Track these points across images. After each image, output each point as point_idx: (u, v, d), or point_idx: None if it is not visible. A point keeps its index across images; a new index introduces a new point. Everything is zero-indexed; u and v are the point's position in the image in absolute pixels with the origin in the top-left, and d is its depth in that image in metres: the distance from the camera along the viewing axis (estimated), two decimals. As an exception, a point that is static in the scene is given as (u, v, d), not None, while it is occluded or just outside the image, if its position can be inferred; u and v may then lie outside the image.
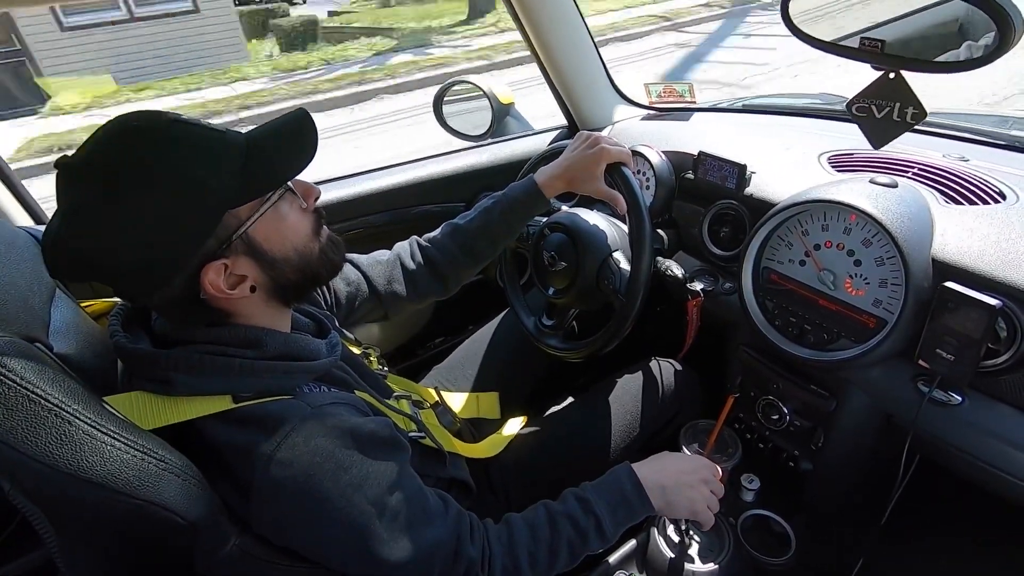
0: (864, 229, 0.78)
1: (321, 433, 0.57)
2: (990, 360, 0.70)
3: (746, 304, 0.90)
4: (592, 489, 0.73)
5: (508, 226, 0.92)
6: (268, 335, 0.61)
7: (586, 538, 0.69)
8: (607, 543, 0.71)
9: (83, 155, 0.53)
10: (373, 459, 0.59)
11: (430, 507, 0.63)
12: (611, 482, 0.74)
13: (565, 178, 0.90)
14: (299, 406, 0.58)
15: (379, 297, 0.92)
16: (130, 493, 0.48)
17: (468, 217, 0.94)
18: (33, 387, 0.45)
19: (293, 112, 0.61)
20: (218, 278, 0.57)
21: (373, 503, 0.58)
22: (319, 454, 0.56)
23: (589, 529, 0.69)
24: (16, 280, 0.57)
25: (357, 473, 0.57)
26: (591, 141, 0.91)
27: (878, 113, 0.75)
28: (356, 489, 0.57)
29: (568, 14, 1.22)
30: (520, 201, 0.91)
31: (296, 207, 0.63)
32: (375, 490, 0.58)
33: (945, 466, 0.79)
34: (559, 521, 0.69)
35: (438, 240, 0.94)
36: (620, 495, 0.72)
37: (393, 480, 0.60)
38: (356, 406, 0.64)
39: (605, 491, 0.73)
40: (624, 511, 0.72)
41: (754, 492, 0.96)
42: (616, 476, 0.75)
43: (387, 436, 0.63)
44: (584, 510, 0.70)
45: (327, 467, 0.56)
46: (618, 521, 0.71)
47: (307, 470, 0.55)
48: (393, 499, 0.59)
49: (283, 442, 0.55)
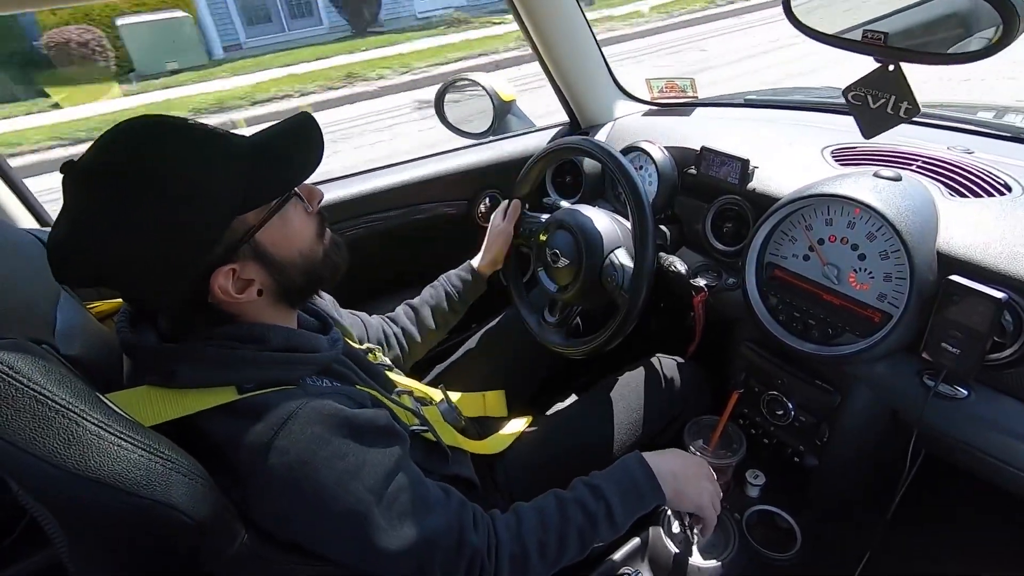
0: (868, 223, 0.78)
1: (318, 421, 0.56)
2: (996, 353, 0.69)
3: (750, 299, 0.90)
4: (602, 476, 0.72)
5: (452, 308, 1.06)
6: (271, 331, 0.62)
7: (596, 525, 0.68)
8: (617, 532, 0.70)
9: (90, 159, 0.53)
10: (370, 447, 0.59)
11: (430, 496, 0.63)
12: (621, 469, 0.73)
13: (489, 259, 1.09)
14: (297, 396, 0.58)
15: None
16: (138, 493, 0.48)
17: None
18: (40, 388, 0.45)
19: (298, 116, 0.62)
20: (227, 283, 0.57)
21: (371, 491, 0.57)
22: (315, 442, 0.56)
23: (599, 515, 0.68)
24: (22, 282, 0.58)
25: (354, 461, 0.57)
26: (494, 223, 1.11)
27: (873, 103, 0.74)
28: (353, 477, 0.56)
29: (569, 10, 1.21)
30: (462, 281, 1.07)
31: (301, 210, 0.63)
32: (372, 478, 0.58)
33: (951, 460, 0.79)
34: (569, 507, 0.68)
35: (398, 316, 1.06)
36: (631, 481, 0.72)
37: (391, 468, 0.60)
38: (355, 398, 0.64)
39: (615, 478, 0.72)
40: (635, 497, 0.71)
41: (759, 488, 0.96)
42: (625, 463, 0.74)
43: (384, 424, 0.63)
44: (594, 496, 0.69)
45: (323, 454, 0.56)
46: (628, 508, 0.70)
47: (303, 457, 0.55)
48: (391, 487, 0.59)
49: (280, 430, 0.55)
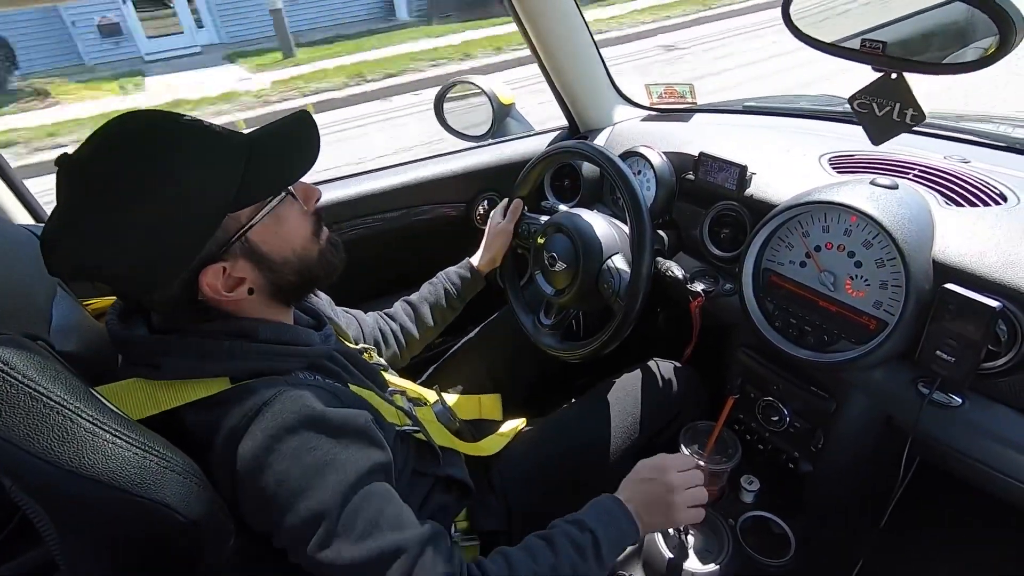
0: (865, 231, 0.78)
1: (292, 411, 0.56)
2: (990, 362, 0.70)
3: (746, 305, 0.90)
4: (579, 513, 0.70)
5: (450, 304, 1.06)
6: (261, 325, 0.62)
7: (585, 556, 0.65)
8: (604, 568, 0.67)
9: (83, 155, 0.53)
10: (342, 446, 0.57)
11: (403, 516, 0.59)
12: (598, 508, 0.71)
13: (488, 257, 1.10)
14: (276, 385, 0.58)
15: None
16: (131, 491, 0.48)
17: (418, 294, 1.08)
18: (35, 384, 0.45)
19: (295, 114, 0.61)
20: (216, 281, 0.57)
21: (334, 490, 0.55)
22: (286, 429, 0.55)
23: (587, 546, 0.66)
24: (18, 278, 0.58)
25: (321, 456, 0.56)
26: (494, 221, 1.12)
27: (879, 111, 0.75)
28: (318, 473, 0.55)
29: (569, 14, 1.22)
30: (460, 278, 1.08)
31: (296, 210, 0.63)
32: (337, 477, 0.55)
33: (945, 468, 0.79)
34: (556, 540, 0.65)
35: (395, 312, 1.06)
36: (607, 514, 0.70)
37: (362, 473, 0.57)
38: (340, 396, 0.63)
39: (592, 513, 0.70)
40: (615, 530, 0.69)
41: (754, 493, 0.96)
42: (602, 502, 0.72)
43: (361, 426, 0.61)
44: (579, 528, 0.67)
45: (291, 444, 0.55)
46: (611, 538, 0.68)
47: (270, 444, 0.54)
48: (357, 493, 0.56)
49: (255, 417, 0.55)
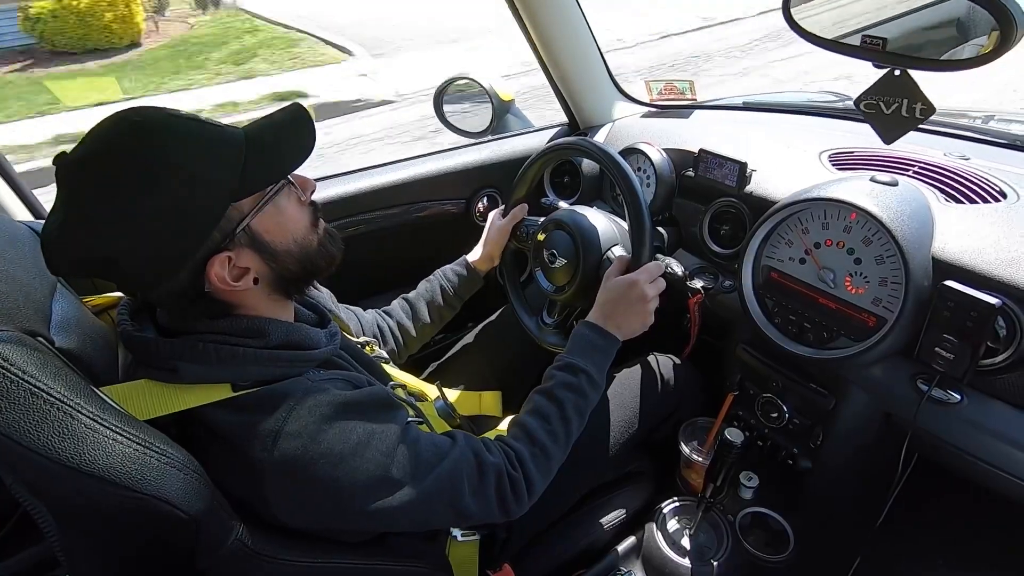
0: (864, 227, 0.78)
1: (324, 403, 0.59)
2: (989, 359, 0.70)
3: (746, 302, 0.90)
4: (567, 355, 0.81)
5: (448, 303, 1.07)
6: (271, 324, 0.62)
7: (584, 393, 0.78)
8: (599, 391, 0.81)
9: (82, 152, 0.53)
10: (375, 420, 0.63)
11: (440, 443, 0.68)
12: (578, 340, 0.83)
13: (486, 255, 1.09)
14: (299, 382, 0.61)
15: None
16: (132, 487, 0.48)
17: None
18: (35, 381, 0.45)
19: (290, 105, 0.62)
20: (223, 270, 0.57)
21: (385, 453, 0.61)
22: (325, 420, 0.58)
23: (583, 385, 0.78)
24: (17, 274, 0.57)
25: (363, 432, 0.60)
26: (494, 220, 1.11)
27: (886, 109, 0.75)
28: (366, 446, 0.60)
29: (569, 10, 1.21)
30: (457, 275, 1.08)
31: (295, 199, 0.64)
32: (385, 442, 0.62)
33: (943, 464, 0.79)
34: (556, 393, 0.77)
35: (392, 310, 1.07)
36: (590, 345, 0.82)
37: (398, 433, 0.64)
38: (353, 381, 0.67)
39: (579, 348, 0.82)
40: (600, 356, 0.82)
41: (753, 490, 0.96)
42: (579, 332, 0.84)
43: (384, 397, 0.67)
44: (571, 372, 0.79)
45: (334, 431, 0.58)
46: (599, 366, 0.81)
47: (316, 437, 0.57)
48: (403, 447, 0.63)
49: (288, 416, 0.57)
